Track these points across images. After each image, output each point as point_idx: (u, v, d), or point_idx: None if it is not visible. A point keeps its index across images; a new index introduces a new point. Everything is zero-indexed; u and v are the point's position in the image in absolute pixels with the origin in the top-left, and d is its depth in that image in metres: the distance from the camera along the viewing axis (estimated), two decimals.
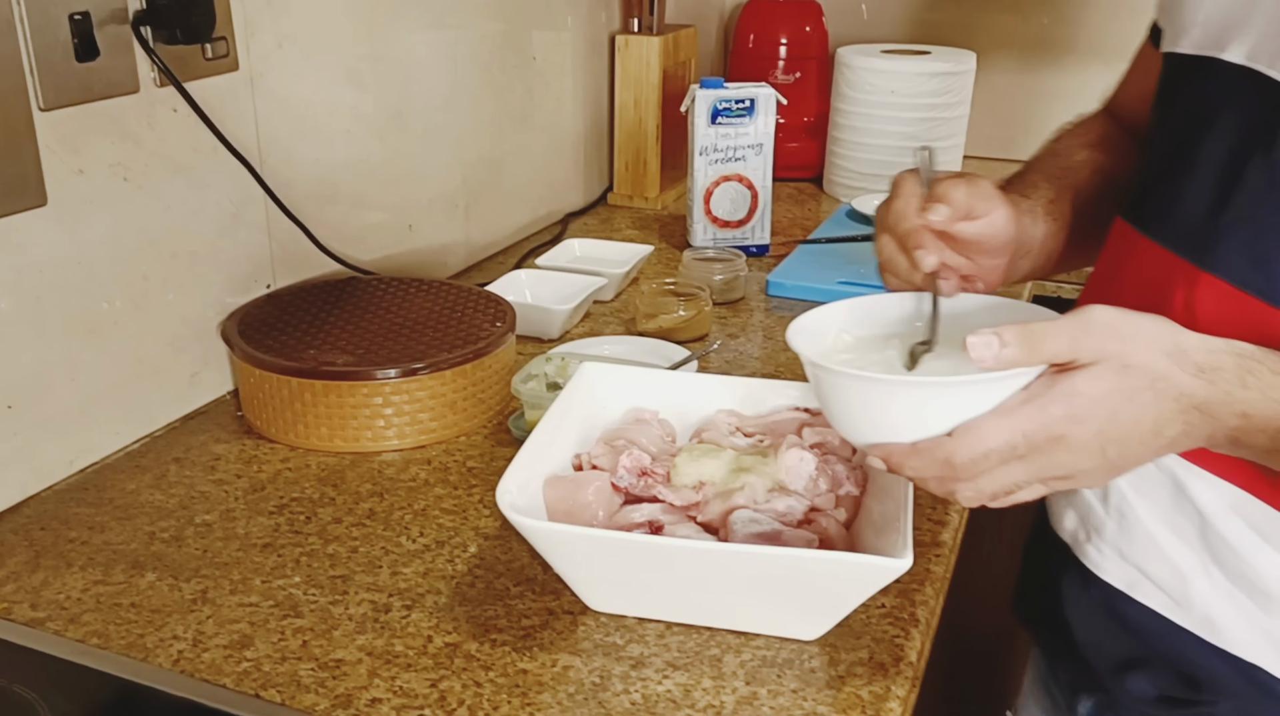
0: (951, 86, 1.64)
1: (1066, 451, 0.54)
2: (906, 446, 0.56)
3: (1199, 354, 0.54)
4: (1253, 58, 0.60)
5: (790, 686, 0.66)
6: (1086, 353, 0.53)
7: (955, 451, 0.54)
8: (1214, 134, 0.62)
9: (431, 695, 0.65)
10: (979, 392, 0.54)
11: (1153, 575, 0.68)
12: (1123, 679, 0.72)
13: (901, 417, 0.56)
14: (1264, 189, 0.59)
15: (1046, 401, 0.53)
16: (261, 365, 0.93)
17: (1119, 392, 0.53)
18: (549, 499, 0.74)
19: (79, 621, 0.72)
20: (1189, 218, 0.63)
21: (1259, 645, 0.65)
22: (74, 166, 0.85)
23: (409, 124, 1.23)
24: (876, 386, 0.57)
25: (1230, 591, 0.65)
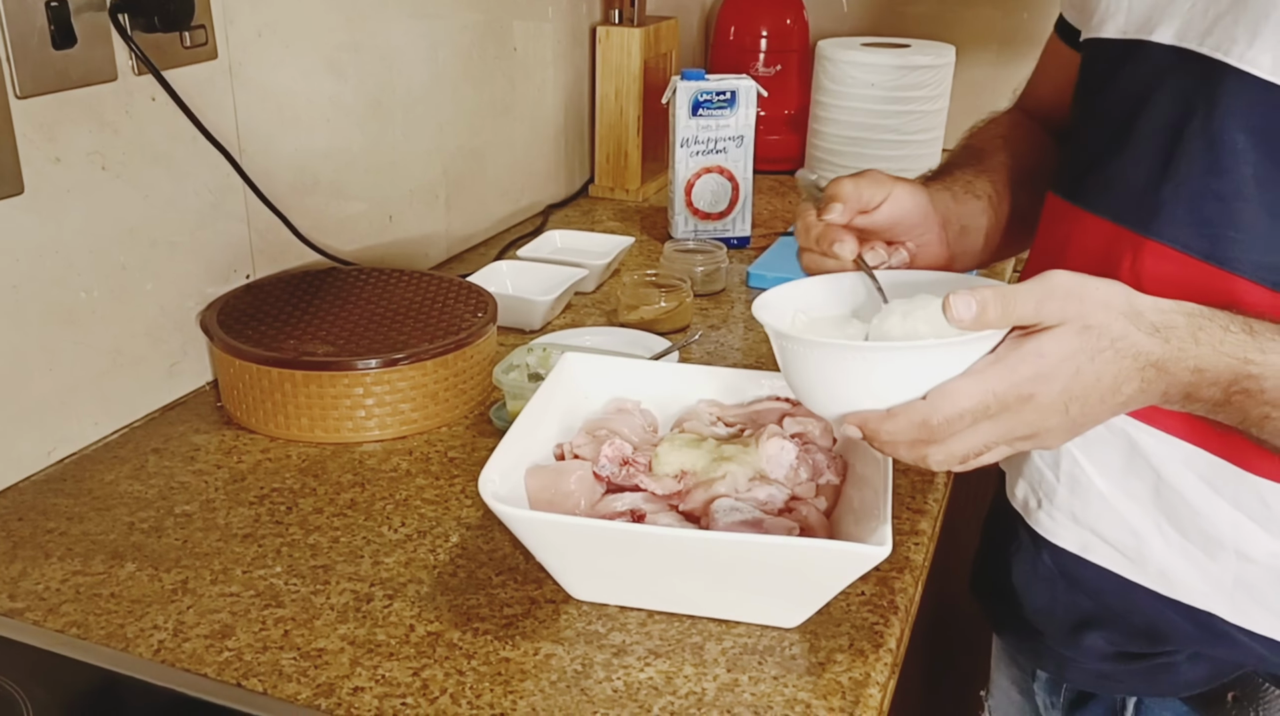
0: (931, 80, 1.65)
1: (1034, 410, 0.56)
2: (882, 412, 0.58)
3: (1153, 314, 0.56)
4: (1182, 37, 0.64)
5: (771, 673, 0.67)
6: (1051, 315, 0.55)
7: (931, 413, 0.56)
8: (1150, 110, 0.65)
9: (414, 684, 0.65)
10: (954, 355, 0.56)
11: (1106, 536, 0.70)
12: (1078, 639, 0.74)
13: (878, 384, 0.57)
14: (1203, 157, 0.62)
15: (1015, 361, 0.55)
16: (241, 355, 0.93)
17: (1081, 352, 0.55)
18: (531, 488, 0.75)
19: (58, 612, 0.72)
20: (1132, 189, 0.65)
21: (1211, 593, 0.67)
22: (51, 155, 0.84)
23: (389, 114, 1.23)
24: (854, 354, 0.58)
25: (1182, 545, 0.67)
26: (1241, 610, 0.67)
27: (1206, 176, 0.62)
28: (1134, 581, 0.70)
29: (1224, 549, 0.66)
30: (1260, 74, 0.59)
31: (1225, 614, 0.68)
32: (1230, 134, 0.61)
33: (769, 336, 0.63)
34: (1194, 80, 0.63)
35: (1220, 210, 0.61)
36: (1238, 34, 0.60)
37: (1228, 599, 0.67)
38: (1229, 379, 0.56)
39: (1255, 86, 0.59)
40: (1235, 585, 0.67)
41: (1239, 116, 0.60)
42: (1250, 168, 0.60)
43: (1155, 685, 0.72)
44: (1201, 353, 0.56)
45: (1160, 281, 0.63)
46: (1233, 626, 0.68)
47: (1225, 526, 0.66)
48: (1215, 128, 0.61)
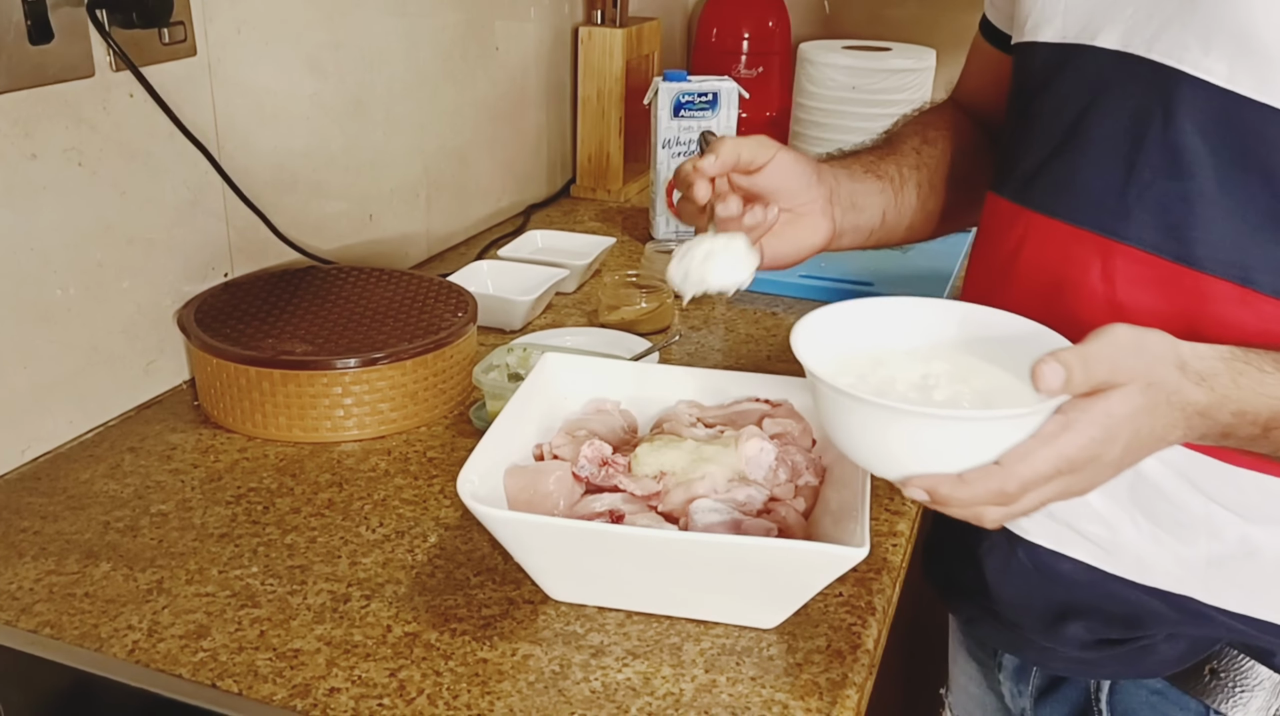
0: (912, 83, 1.65)
1: (1095, 468, 0.57)
2: (954, 477, 0.57)
3: (1196, 362, 0.58)
4: (1126, 43, 0.65)
5: (749, 674, 0.67)
6: (1123, 374, 0.56)
7: (1007, 480, 0.56)
8: (1103, 115, 0.66)
9: (391, 684, 0.65)
10: (1028, 423, 0.56)
11: (1082, 530, 0.71)
12: (1057, 630, 0.75)
13: (951, 451, 0.56)
14: (1164, 162, 0.63)
15: (1086, 425, 0.55)
16: (219, 354, 0.92)
17: (1143, 410, 0.56)
18: (510, 488, 0.74)
19: (31, 611, 0.71)
20: (1092, 193, 0.67)
21: (1185, 577, 0.69)
22: (27, 151, 0.83)
23: (370, 113, 1.22)
24: (928, 422, 0.56)
25: (1155, 533, 0.69)
26: (1215, 590, 0.69)
27: (1169, 181, 0.63)
28: (1109, 571, 0.71)
29: (1197, 535, 0.68)
30: (1216, 81, 0.61)
31: (1200, 595, 0.69)
32: (1189, 139, 0.62)
33: (810, 381, 0.60)
34: (1146, 86, 0.64)
35: (1186, 213, 0.63)
36: (1189, 41, 0.61)
37: (1201, 581, 0.69)
38: (1268, 417, 0.58)
39: (1211, 93, 0.61)
40: (1207, 567, 0.69)
41: (1196, 122, 0.62)
42: (1211, 171, 0.62)
43: (1135, 667, 0.74)
44: (1243, 396, 0.58)
45: (1133, 283, 0.65)
46: (1208, 606, 0.69)
47: (1199, 514, 0.68)
48: (1173, 134, 0.63)
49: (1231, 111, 0.60)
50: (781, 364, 1.12)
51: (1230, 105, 0.60)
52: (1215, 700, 0.71)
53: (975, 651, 0.91)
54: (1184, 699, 0.73)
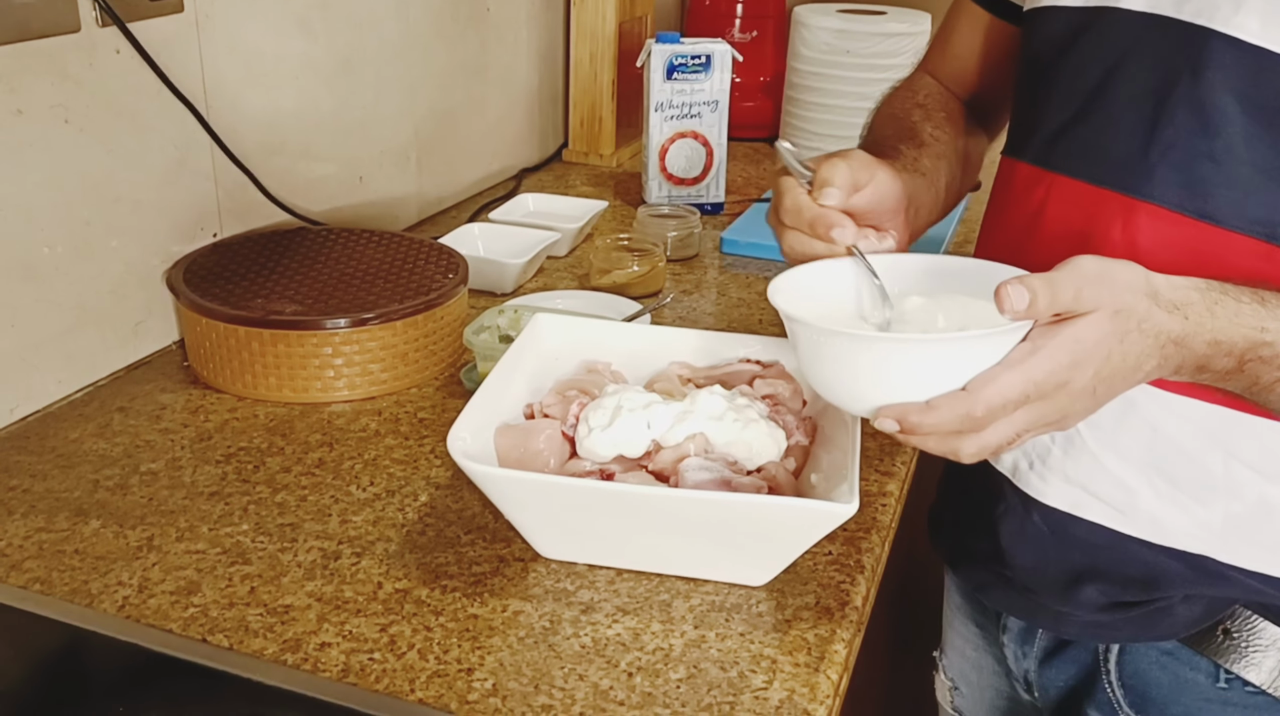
0: (906, 47, 1.64)
1: (1066, 396, 0.57)
2: (922, 404, 0.57)
3: (1169, 292, 0.58)
4: (1154, 4, 0.65)
5: (738, 630, 0.67)
6: (1087, 301, 0.56)
7: (974, 404, 0.56)
8: (1127, 76, 0.66)
9: (381, 639, 0.65)
10: (995, 345, 0.56)
11: (1098, 492, 0.71)
12: (1072, 594, 0.74)
13: (919, 376, 0.57)
14: (1192, 120, 0.63)
15: (1053, 349, 0.55)
16: (208, 313, 0.92)
17: (1113, 335, 0.56)
18: (500, 447, 0.74)
19: (21, 568, 0.71)
20: (1116, 154, 0.67)
21: (1202, 536, 0.69)
22: (12, 106, 0.83)
23: (359, 73, 1.21)
24: (895, 346, 0.57)
25: (1173, 494, 0.69)
26: (1233, 549, 0.69)
27: (1196, 139, 0.63)
28: (1126, 533, 0.71)
29: (1215, 494, 0.68)
30: (1247, 38, 0.61)
31: (1218, 554, 0.69)
32: (1219, 97, 0.62)
33: (787, 326, 0.61)
34: (1174, 46, 0.64)
35: (1213, 170, 0.63)
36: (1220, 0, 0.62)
37: (1219, 540, 0.69)
38: (1244, 348, 0.58)
39: (1242, 50, 0.61)
40: (1225, 525, 0.68)
41: (1227, 80, 0.62)
42: (1239, 128, 0.62)
43: (1151, 630, 0.74)
44: (1218, 325, 0.58)
45: (1155, 240, 0.65)
46: (1225, 565, 0.69)
47: (1218, 471, 0.68)
48: (1202, 92, 0.63)
49: (1262, 68, 0.60)
50: (773, 328, 1.12)
51: (1261, 61, 0.60)
52: (1228, 660, 0.71)
53: (974, 615, 0.90)
54: (1195, 659, 0.72)
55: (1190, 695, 0.73)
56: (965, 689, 0.94)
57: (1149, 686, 0.75)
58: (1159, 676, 0.74)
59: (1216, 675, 0.72)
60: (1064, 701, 0.80)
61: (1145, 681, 0.75)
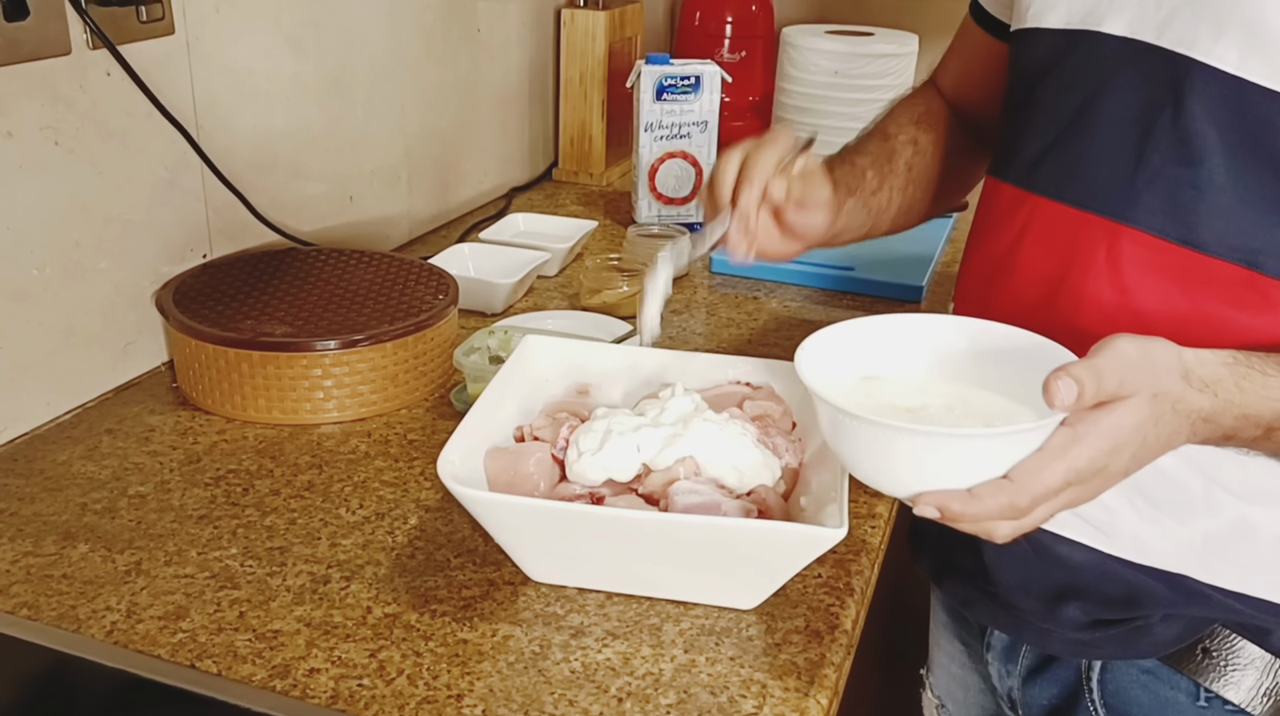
0: (894, 68, 1.66)
1: (1103, 478, 0.58)
2: (965, 493, 0.57)
3: (1200, 369, 0.59)
4: (1135, 30, 0.65)
5: (728, 654, 0.67)
6: (1130, 387, 0.56)
7: (1018, 495, 0.56)
8: (1110, 101, 0.67)
9: (370, 665, 0.65)
10: (1036, 437, 0.56)
11: (1081, 512, 0.71)
12: (1055, 612, 0.75)
13: (959, 468, 0.57)
14: (1175, 148, 0.64)
15: (1095, 437, 0.56)
16: (197, 335, 0.92)
17: (1149, 420, 0.57)
18: (490, 470, 0.74)
19: (8, 593, 0.71)
20: (1101, 178, 0.67)
21: (1182, 556, 0.70)
22: (2, 128, 0.83)
23: (350, 93, 1.22)
24: (931, 440, 0.57)
25: (1153, 515, 0.70)
26: (1212, 569, 0.70)
27: (1179, 167, 0.64)
28: (1107, 552, 0.72)
29: (1195, 514, 0.69)
30: (1227, 69, 0.61)
31: (1197, 574, 0.70)
32: (1200, 126, 0.63)
33: (818, 408, 0.61)
34: (1155, 73, 0.64)
35: (1195, 198, 0.64)
36: (1200, 29, 0.62)
37: (1198, 560, 0.70)
38: (1270, 419, 0.60)
39: (1222, 81, 0.62)
40: (1205, 546, 0.69)
41: (1207, 109, 0.63)
42: (1221, 158, 0.63)
43: (1131, 648, 0.74)
44: (1246, 400, 0.59)
45: (1138, 266, 0.66)
46: (1205, 585, 0.70)
47: (1197, 494, 0.69)
48: (1185, 121, 0.63)
49: (1242, 99, 0.61)
50: (763, 348, 1.12)
51: (1241, 92, 0.61)
52: (1207, 679, 0.72)
53: (959, 632, 0.91)
54: (1176, 678, 0.73)
55: (1171, 713, 0.74)
56: (952, 706, 0.95)
57: (1130, 705, 0.75)
58: (1140, 695, 0.75)
59: (1197, 694, 0.73)
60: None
61: (1127, 700, 0.75)
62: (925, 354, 0.67)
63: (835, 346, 0.67)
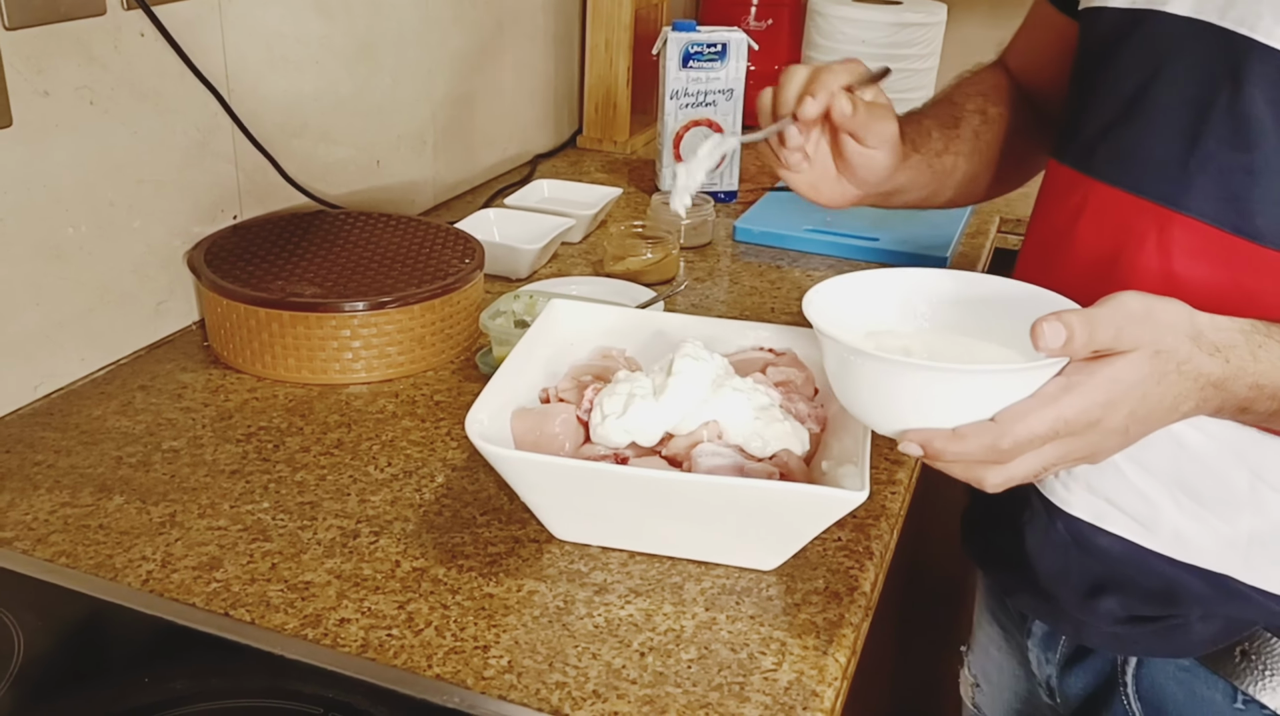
0: (922, 38, 1.65)
1: (1098, 433, 0.56)
2: (949, 432, 0.57)
3: (1213, 333, 0.57)
4: (1198, 10, 0.64)
5: (748, 612, 0.69)
6: (1128, 340, 0.55)
7: (1001, 437, 0.56)
8: (1168, 82, 0.65)
9: (399, 616, 0.67)
10: (1029, 378, 0.56)
11: (1121, 504, 0.70)
12: (1092, 604, 0.74)
13: (948, 405, 0.57)
14: (1229, 132, 0.62)
15: (1089, 388, 0.55)
16: (229, 295, 0.93)
17: (1150, 377, 0.55)
18: (516, 430, 0.76)
19: (47, 542, 0.73)
20: (1154, 162, 0.66)
21: (1225, 554, 0.68)
22: (39, 88, 0.84)
23: (378, 57, 1.22)
24: (927, 374, 0.57)
25: (1196, 510, 0.68)
26: (1255, 569, 0.68)
27: (1233, 151, 0.62)
28: (1147, 547, 0.70)
29: (1239, 511, 0.67)
30: None
31: (1239, 574, 0.68)
32: (1257, 109, 0.61)
33: (822, 343, 0.62)
34: (1214, 54, 0.63)
35: (1247, 184, 0.62)
36: (1262, 9, 0.60)
37: (1242, 559, 0.68)
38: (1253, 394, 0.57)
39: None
40: (1249, 544, 0.67)
41: (1265, 92, 0.61)
42: (1276, 142, 0.61)
43: (1168, 645, 0.73)
44: (1261, 368, 0.57)
45: (1189, 254, 0.64)
46: (1246, 586, 0.68)
47: (1243, 489, 0.66)
48: (1241, 103, 0.61)
49: None
50: (785, 316, 1.13)
51: None
52: (1244, 682, 0.70)
53: (1001, 616, 0.90)
54: (1212, 678, 0.71)
55: (1206, 713, 0.72)
56: (986, 687, 0.94)
57: (1165, 701, 0.74)
58: (1175, 692, 0.73)
59: (1234, 695, 0.71)
60: (1083, 708, 0.80)
61: (1162, 696, 0.74)
62: (933, 307, 0.68)
63: (843, 297, 0.67)
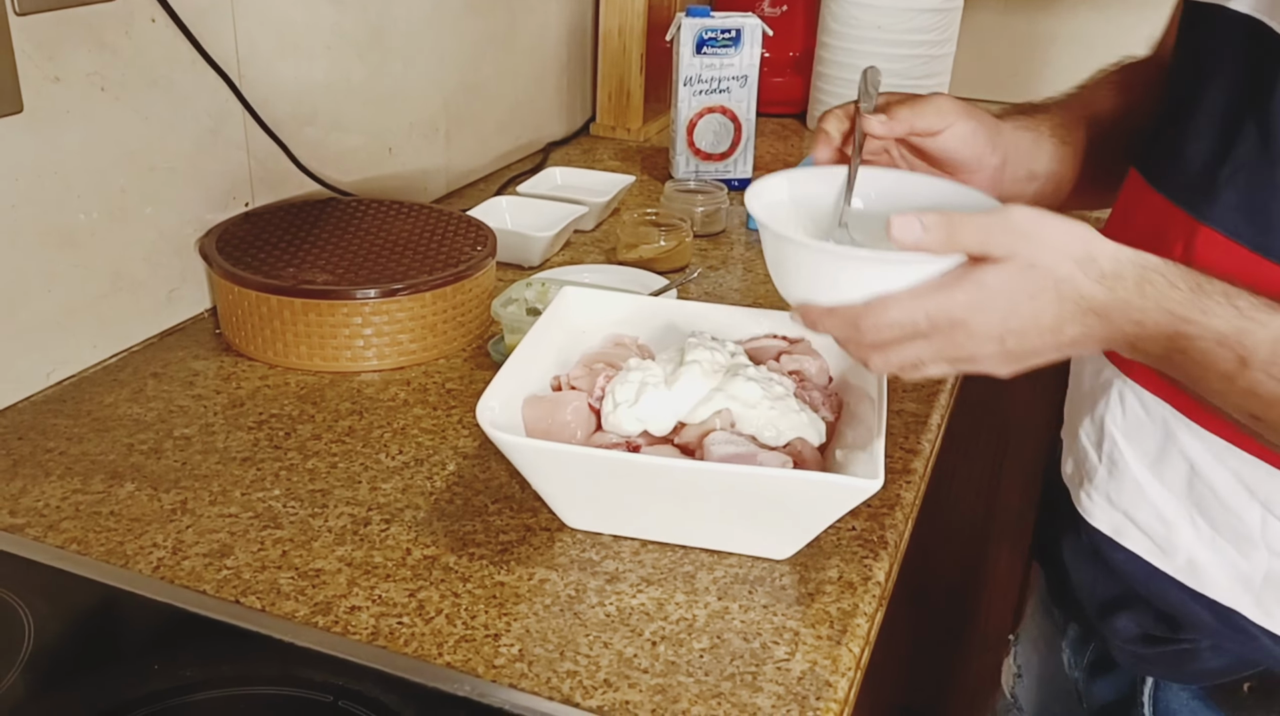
0: (938, 24, 1.63)
1: (966, 336, 0.58)
2: (823, 308, 0.61)
3: (1106, 262, 0.56)
4: (1256, 7, 0.60)
5: (761, 602, 0.68)
6: (997, 248, 0.56)
7: (861, 317, 0.59)
8: (1215, 84, 0.62)
9: (410, 604, 0.67)
10: (893, 271, 0.58)
11: (1139, 521, 0.69)
12: (1109, 619, 0.74)
13: (831, 283, 0.61)
14: (1258, 142, 0.59)
15: (954, 288, 0.57)
16: (240, 282, 0.93)
17: (1021, 289, 0.56)
18: (528, 418, 0.75)
19: (58, 528, 0.73)
20: (1190, 169, 0.63)
21: (1235, 590, 0.66)
22: (50, 74, 0.84)
23: (390, 44, 1.22)
24: (805, 251, 0.62)
25: (1212, 538, 0.66)
26: (1267, 610, 0.66)
27: (1260, 161, 0.59)
28: (1161, 570, 0.69)
29: (1255, 547, 0.65)
30: None
31: (1249, 612, 0.66)
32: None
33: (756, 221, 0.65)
34: (1259, 55, 0.59)
35: (1270, 198, 0.59)
36: None
37: (1254, 598, 0.66)
38: (1166, 335, 0.56)
39: None
40: (1264, 584, 0.65)
41: None
42: None
43: (1177, 670, 0.72)
44: (1144, 306, 0.56)
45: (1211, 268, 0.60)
46: (1255, 625, 0.66)
47: (1255, 524, 0.64)
48: (1269, 110, 0.58)
49: None
50: None
51: None
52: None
53: (1047, 612, 0.89)
54: (1221, 714, 0.70)
55: None
56: (1027, 679, 0.93)
57: None
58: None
59: None
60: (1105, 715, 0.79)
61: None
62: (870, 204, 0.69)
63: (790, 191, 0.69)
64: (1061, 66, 1.86)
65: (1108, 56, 0.85)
